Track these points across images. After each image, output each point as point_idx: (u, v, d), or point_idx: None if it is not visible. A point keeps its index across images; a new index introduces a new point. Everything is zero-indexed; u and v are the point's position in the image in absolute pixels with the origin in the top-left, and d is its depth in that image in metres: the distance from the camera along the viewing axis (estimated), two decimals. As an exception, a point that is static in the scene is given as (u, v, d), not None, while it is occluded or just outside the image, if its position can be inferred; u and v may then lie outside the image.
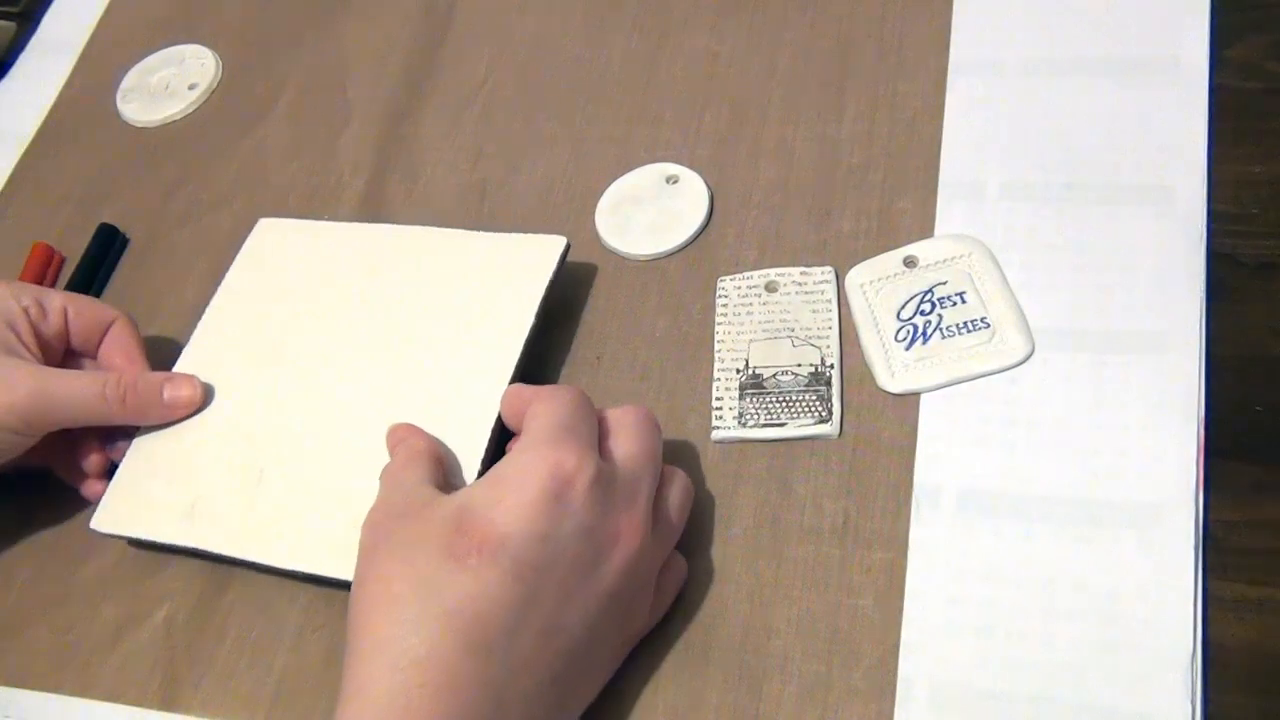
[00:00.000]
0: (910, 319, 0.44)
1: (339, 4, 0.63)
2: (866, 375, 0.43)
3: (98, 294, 0.55)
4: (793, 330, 0.45)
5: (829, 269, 0.46)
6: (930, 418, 0.42)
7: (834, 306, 0.45)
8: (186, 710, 0.42)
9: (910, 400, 0.42)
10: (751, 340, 0.45)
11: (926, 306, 0.44)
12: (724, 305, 0.46)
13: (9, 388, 0.42)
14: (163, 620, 0.45)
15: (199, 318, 0.50)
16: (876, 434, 0.42)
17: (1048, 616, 0.37)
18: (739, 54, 0.54)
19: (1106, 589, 0.37)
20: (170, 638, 0.44)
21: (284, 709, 0.42)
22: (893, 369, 0.43)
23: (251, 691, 0.42)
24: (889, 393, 0.43)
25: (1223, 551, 0.38)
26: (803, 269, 0.46)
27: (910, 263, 0.45)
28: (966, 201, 0.46)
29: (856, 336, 0.44)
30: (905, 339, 0.43)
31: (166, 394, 0.45)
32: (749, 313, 0.46)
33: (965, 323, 0.43)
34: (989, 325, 0.43)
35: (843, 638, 0.38)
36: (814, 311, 0.45)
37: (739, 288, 0.47)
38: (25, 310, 0.45)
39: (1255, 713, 0.35)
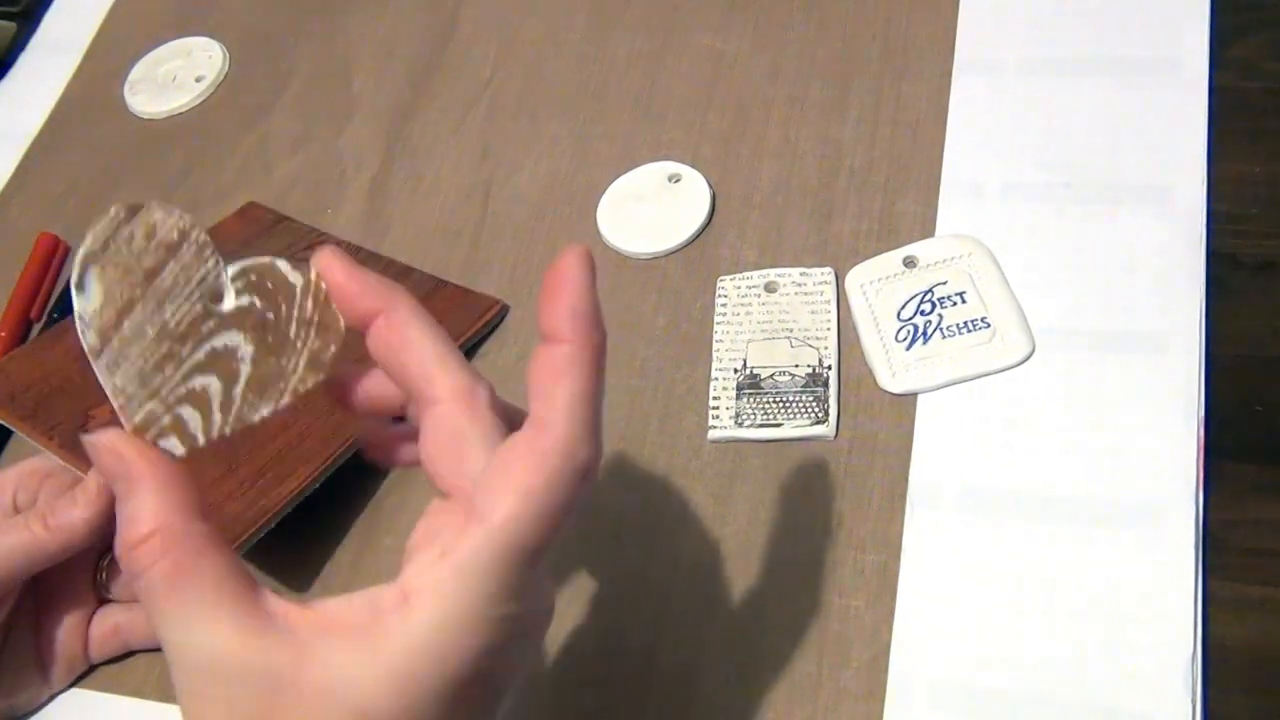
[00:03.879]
0: (910, 319, 0.44)
1: None
2: (865, 376, 0.43)
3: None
4: (791, 331, 0.45)
5: (828, 270, 0.46)
6: (928, 418, 0.42)
7: (833, 308, 0.45)
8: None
9: (908, 401, 0.42)
10: (750, 340, 0.45)
11: (927, 306, 0.44)
12: (723, 305, 0.46)
13: None
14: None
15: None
16: (873, 435, 0.42)
17: (1046, 616, 0.37)
18: (744, 53, 0.54)
19: (1106, 589, 0.37)
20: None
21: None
22: (893, 369, 0.43)
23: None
24: (890, 393, 0.43)
25: (1223, 551, 0.38)
26: (802, 270, 0.46)
27: (910, 263, 0.45)
28: (967, 201, 0.46)
29: (857, 337, 0.44)
30: (906, 339, 0.43)
31: (79, 495, 0.40)
32: (748, 313, 0.46)
33: (966, 322, 0.43)
34: (989, 325, 0.43)
35: (833, 638, 0.38)
36: (813, 313, 0.45)
37: (739, 288, 0.47)
38: None
39: (1255, 713, 0.35)
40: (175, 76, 0.62)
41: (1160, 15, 0.48)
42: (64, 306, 0.54)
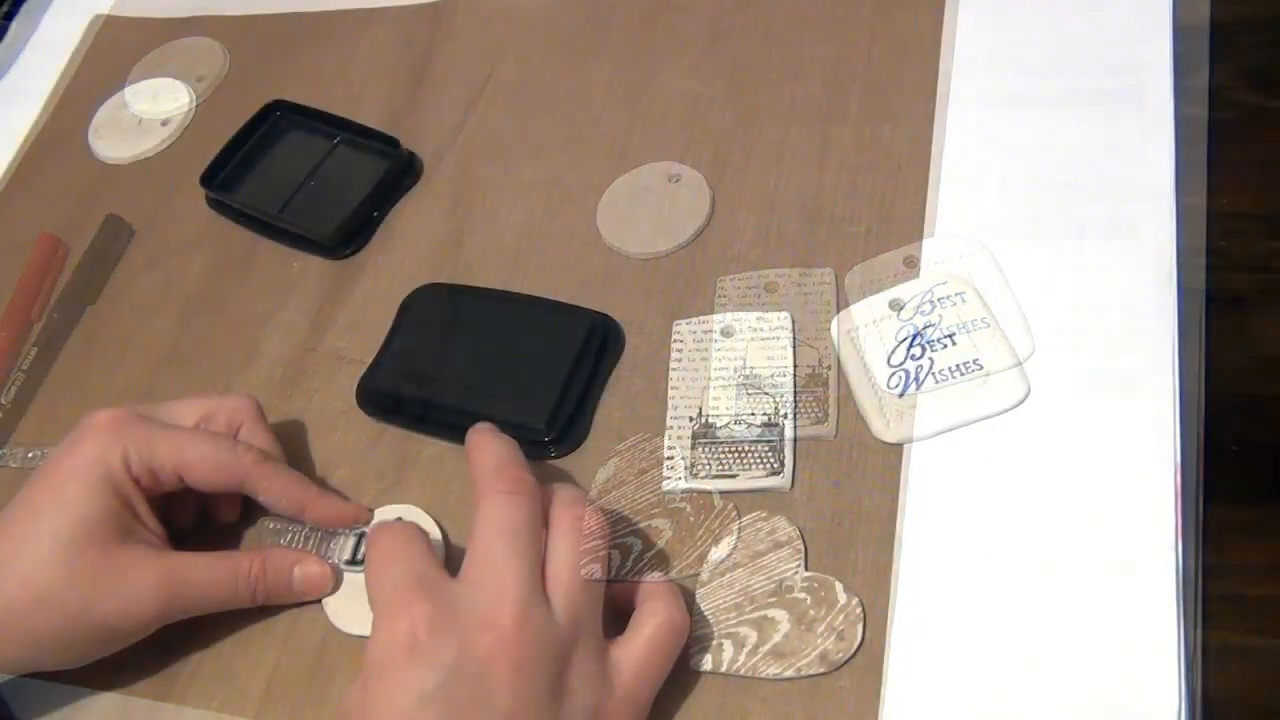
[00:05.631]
0: (901, 364, 0.43)
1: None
2: (859, 423, 0.42)
3: (101, 285, 0.55)
4: (747, 376, 0.44)
5: (829, 270, 0.46)
6: (917, 463, 0.41)
7: (789, 351, 0.44)
8: (181, 701, 0.43)
9: (894, 451, 0.41)
10: (705, 387, 0.44)
11: (917, 350, 0.43)
12: (678, 350, 0.45)
13: (136, 588, 0.40)
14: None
15: (201, 309, 0.51)
16: (862, 478, 0.41)
17: (1030, 669, 0.37)
18: (744, 55, 0.53)
19: (1092, 638, 0.37)
20: (165, 629, 0.44)
21: (276, 702, 0.42)
22: (887, 418, 0.42)
23: (244, 684, 0.42)
24: (885, 442, 0.41)
25: (1204, 598, 0.37)
26: (802, 270, 0.46)
27: (896, 306, 0.44)
28: (967, 205, 0.46)
29: (848, 385, 0.43)
30: (898, 385, 0.42)
31: (297, 574, 0.43)
32: (703, 358, 0.45)
33: (957, 366, 0.42)
34: (982, 367, 0.42)
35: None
36: (769, 357, 0.44)
37: (738, 288, 0.46)
38: (137, 481, 0.41)
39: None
40: (175, 76, 0.62)
41: (1127, 46, 0.47)
42: (64, 306, 0.54)
